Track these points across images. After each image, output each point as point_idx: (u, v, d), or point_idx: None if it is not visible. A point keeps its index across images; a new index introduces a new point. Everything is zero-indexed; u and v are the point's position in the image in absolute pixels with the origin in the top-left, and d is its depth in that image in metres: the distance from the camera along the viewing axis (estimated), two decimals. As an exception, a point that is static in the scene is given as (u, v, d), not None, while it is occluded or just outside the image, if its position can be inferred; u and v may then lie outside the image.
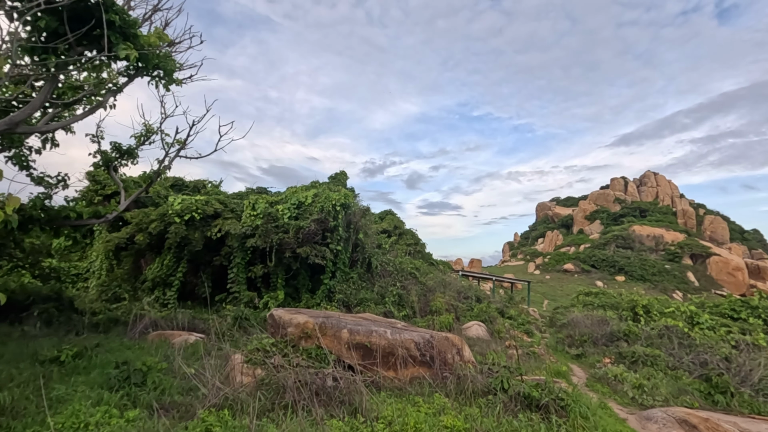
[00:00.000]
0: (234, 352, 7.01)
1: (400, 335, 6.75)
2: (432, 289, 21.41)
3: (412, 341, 6.75)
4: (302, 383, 5.59)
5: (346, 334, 6.43)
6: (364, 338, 6.43)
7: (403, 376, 6.37)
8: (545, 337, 21.49)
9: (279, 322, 6.94)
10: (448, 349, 7.17)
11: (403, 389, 6.06)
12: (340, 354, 6.34)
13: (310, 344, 6.41)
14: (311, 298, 18.47)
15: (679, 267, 79.36)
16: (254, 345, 6.56)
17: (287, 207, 18.37)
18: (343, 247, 19.68)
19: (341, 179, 24.12)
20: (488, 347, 12.56)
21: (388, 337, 6.56)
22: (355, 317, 7.90)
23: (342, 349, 6.33)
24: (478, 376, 6.27)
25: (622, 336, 15.01)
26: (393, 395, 5.86)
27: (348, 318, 7.49)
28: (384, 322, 7.81)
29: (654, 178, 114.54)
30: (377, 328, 6.71)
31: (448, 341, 7.36)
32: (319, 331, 6.46)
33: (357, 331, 6.51)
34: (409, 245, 29.14)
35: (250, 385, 5.87)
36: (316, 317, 6.90)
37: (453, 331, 16.15)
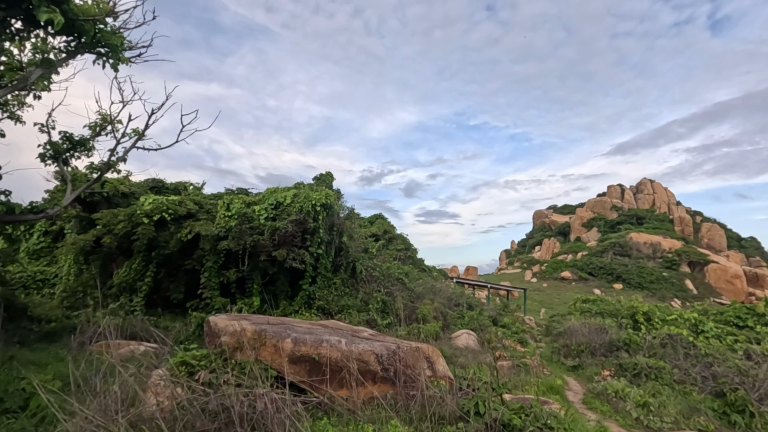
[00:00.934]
0: (156, 367, 5.84)
1: (357, 346, 5.59)
2: (421, 296, 20.21)
3: (372, 353, 5.59)
4: (224, 408, 4.42)
5: (289, 345, 5.27)
6: (310, 349, 5.27)
7: (358, 397, 5.21)
8: (540, 347, 20.31)
9: (214, 331, 5.78)
10: (417, 362, 6.01)
11: (356, 413, 4.90)
12: (281, 369, 5.18)
13: (246, 357, 5.25)
14: (289, 305, 17.25)
15: (677, 274, 78.34)
16: (179, 358, 5.39)
17: (264, 207, 17.22)
18: (325, 251, 18.51)
19: (326, 180, 23.06)
20: (476, 358, 11.37)
21: (341, 349, 5.40)
22: (312, 324, 6.73)
23: (283, 362, 5.17)
24: (448, 396, 5.11)
25: (622, 345, 13.84)
26: (341, 422, 4.72)
27: (302, 325, 6.32)
28: (345, 331, 6.64)
29: (650, 185, 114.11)
30: (330, 338, 5.55)
31: (419, 353, 6.20)
32: (258, 341, 5.30)
33: (303, 341, 5.36)
34: (399, 250, 27.98)
35: (166, 409, 4.69)
36: (259, 324, 5.75)
37: (440, 341, 14.95)
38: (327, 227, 18.57)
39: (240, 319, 6.11)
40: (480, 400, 4.83)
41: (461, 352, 12.79)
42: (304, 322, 6.92)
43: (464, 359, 10.87)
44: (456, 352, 13.15)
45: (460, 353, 12.87)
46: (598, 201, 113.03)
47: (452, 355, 11.54)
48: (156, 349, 9.62)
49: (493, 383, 6.52)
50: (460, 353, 12.87)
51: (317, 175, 23.11)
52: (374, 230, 28.30)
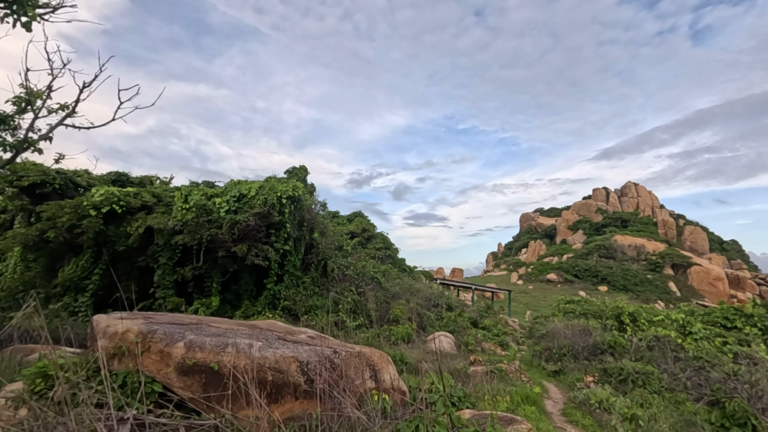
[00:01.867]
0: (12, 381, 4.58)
1: (275, 352, 4.38)
2: (397, 296, 19.06)
3: (294, 360, 4.38)
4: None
5: (180, 351, 4.05)
6: (209, 356, 4.05)
7: (270, 417, 4.01)
8: (523, 350, 19.31)
9: (96, 332, 4.53)
10: (357, 371, 4.83)
11: (260, 441, 3.73)
12: (168, 381, 3.97)
13: (124, 366, 4.03)
14: (252, 305, 15.93)
15: (661, 277, 78.64)
16: (36, 368, 4.12)
17: (226, 200, 15.89)
18: (293, 248, 17.24)
19: (300, 174, 21.79)
20: (447, 364, 10.22)
21: (252, 355, 4.19)
22: (239, 325, 5.50)
23: (171, 373, 3.96)
24: (376, 419, 3.93)
25: (606, 348, 12.86)
26: (233, 455, 3.55)
27: (220, 326, 5.08)
28: (277, 332, 5.42)
29: (635, 188, 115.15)
30: (240, 341, 4.34)
31: (361, 360, 5.02)
32: (141, 345, 4.07)
33: (200, 345, 4.14)
34: (378, 249, 26.80)
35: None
36: (153, 324, 4.51)
37: (412, 344, 13.79)
38: (296, 222, 17.32)
39: (135, 317, 4.85)
40: (422, 422, 3.69)
41: (433, 357, 11.63)
42: (228, 322, 5.69)
43: (434, 365, 9.71)
44: (427, 356, 11.99)
45: (432, 358, 11.72)
46: (583, 204, 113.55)
47: (421, 360, 10.37)
48: (75, 355, 8.28)
49: (454, 396, 5.37)
50: (432, 358, 11.72)
51: (289, 168, 21.82)
52: (352, 228, 27.07)
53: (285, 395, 4.24)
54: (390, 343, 13.16)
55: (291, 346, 4.68)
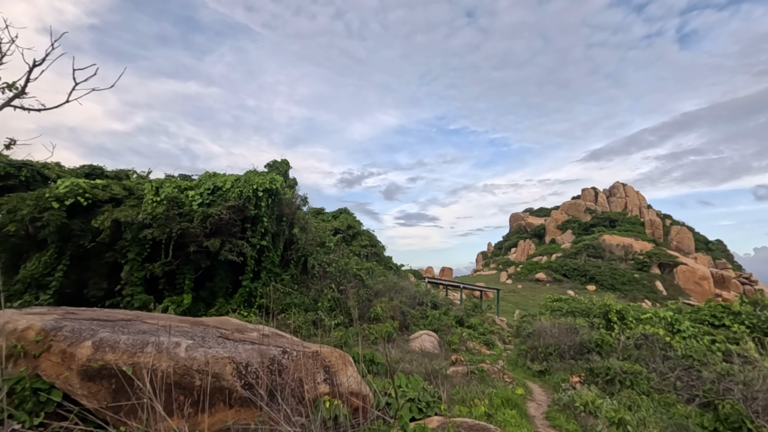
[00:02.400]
0: None
1: (207, 351, 3.73)
2: (380, 294, 18.44)
3: (230, 362, 3.74)
4: None
5: (87, 351, 3.38)
6: (122, 357, 3.39)
7: (196, 429, 3.36)
8: (509, 349, 18.85)
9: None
10: (309, 374, 4.20)
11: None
12: (69, 387, 3.30)
13: (17, 369, 3.36)
14: (226, 303, 15.19)
15: (648, 276, 79.20)
16: None
17: (199, 192, 15.12)
18: (271, 243, 16.52)
19: (281, 168, 21.03)
20: (424, 364, 9.63)
21: (177, 356, 3.54)
22: (181, 322, 4.83)
23: (72, 377, 3.29)
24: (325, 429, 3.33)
25: (593, 347, 12.40)
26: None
27: (155, 323, 4.41)
28: (224, 329, 4.76)
29: (623, 189, 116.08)
30: (166, 339, 3.69)
31: (315, 361, 4.39)
32: (41, 344, 3.40)
33: (113, 344, 3.47)
34: (364, 246, 26.15)
35: None
36: (65, 320, 3.84)
37: (392, 342, 13.18)
38: (274, 217, 16.61)
39: (51, 312, 4.16)
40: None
41: (414, 357, 11.04)
42: (170, 318, 5.02)
43: (412, 365, 9.12)
44: (407, 356, 11.39)
45: (413, 358, 11.13)
46: (572, 204, 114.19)
47: (399, 360, 9.78)
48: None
49: (422, 401, 4.77)
50: (413, 358, 11.13)
51: (270, 162, 21.05)
52: (337, 225, 26.38)
53: (216, 403, 3.59)
54: (369, 342, 12.55)
55: (230, 345, 4.03)
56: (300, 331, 13.55)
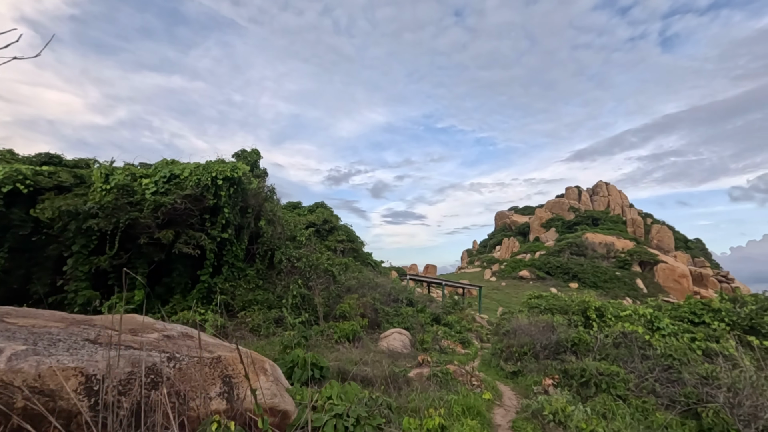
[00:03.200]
0: None
1: (41, 361, 2.80)
2: (353, 290, 17.56)
3: (77, 374, 2.83)
4: None
5: None
6: None
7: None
8: (486, 348, 18.15)
9: None
10: (197, 387, 3.30)
11: None
12: None
13: None
14: (183, 299, 14.13)
15: (629, 274, 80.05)
16: None
17: (154, 181, 13.99)
18: (234, 236, 15.48)
19: (250, 158, 19.92)
20: (386, 366, 8.78)
21: (-7, 367, 2.62)
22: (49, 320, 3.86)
23: None
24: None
25: (570, 346, 11.73)
26: None
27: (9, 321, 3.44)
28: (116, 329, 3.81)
29: (606, 188, 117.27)
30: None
31: (214, 369, 3.49)
32: None
33: None
34: (340, 242, 25.19)
35: None
36: None
37: (359, 342, 12.30)
38: (237, 208, 15.56)
39: None
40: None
41: (377, 358, 10.18)
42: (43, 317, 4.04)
43: (371, 368, 8.24)
44: (370, 356, 10.53)
45: (375, 359, 10.27)
46: (556, 202, 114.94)
47: (356, 362, 8.91)
48: None
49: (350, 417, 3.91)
50: (375, 359, 10.27)
51: (238, 151, 19.91)
52: (313, 219, 25.37)
53: (45, 429, 2.65)
54: (332, 342, 11.65)
55: (87, 352, 3.09)
56: (258, 330, 12.59)
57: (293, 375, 5.70)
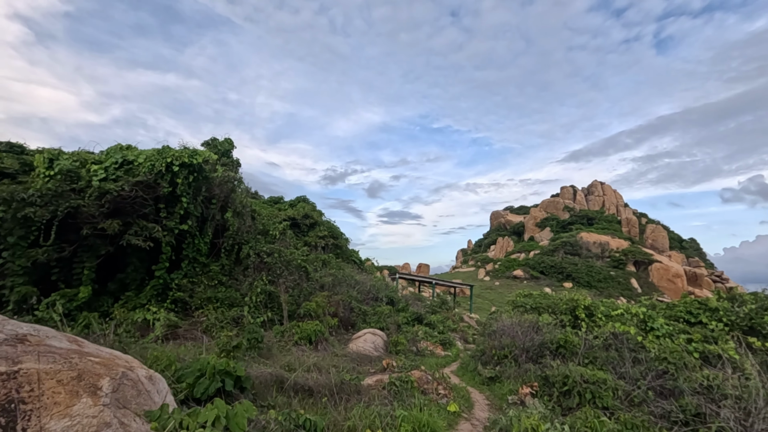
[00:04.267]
0: None
1: None
2: (328, 288, 16.40)
3: None
4: None
5: None
6: None
7: None
8: (470, 350, 17.05)
9: None
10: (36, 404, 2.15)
11: None
12: None
13: None
14: (135, 296, 12.92)
15: (624, 273, 79.35)
16: None
17: (104, 167, 12.77)
18: (196, 229, 14.28)
19: (221, 146, 18.66)
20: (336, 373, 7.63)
21: None
22: None
23: None
24: None
25: (555, 348, 10.63)
26: None
27: None
28: None
29: (600, 187, 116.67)
30: None
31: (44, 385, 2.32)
32: None
33: None
34: (322, 237, 24.00)
35: None
36: None
37: (321, 344, 11.15)
38: (200, 198, 14.36)
39: None
40: None
41: (334, 363, 9.02)
42: None
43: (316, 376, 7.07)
44: (333, 360, 9.39)
45: (339, 362, 9.12)
46: (551, 201, 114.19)
47: (311, 367, 7.75)
48: None
49: None
50: (339, 362, 9.12)
51: (208, 139, 18.67)
52: (292, 213, 24.17)
53: None
54: (291, 344, 10.48)
55: None
56: (211, 331, 11.41)
57: (196, 388, 4.56)
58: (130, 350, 7.33)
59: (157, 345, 9.74)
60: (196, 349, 9.09)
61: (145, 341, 11.02)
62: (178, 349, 8.74)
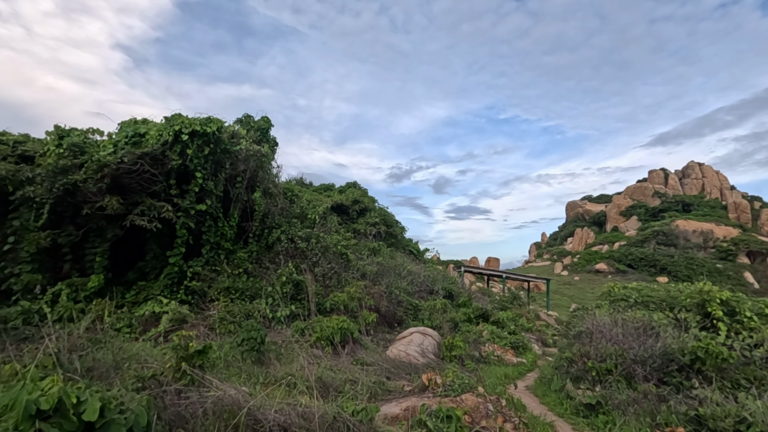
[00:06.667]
0: None
1: None
2: (371, 278, 13.90)
3: None
4: None
5: None
6: None
7: None
8: (550, 356, 13.60)
9: None
10: None
11: None
12: None
13: None
14: (147, 286, 11.39)
15: (734, 266, 67.80)
16: None
17: (114, 141, 11.38)
18: (218, 209, 12.50)
19: (255, 124, 16.83)
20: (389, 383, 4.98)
21: None
22: None
23: None
24: None
25: (689, 363, 7.04)
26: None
27: None
28: None
29: (699, 169, 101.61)
30: None
31: None
32: None
33: None
34: (373, 225, 21.60)
35: None
36: None
37: (353, 345, 8.62)
38: (224, 176, 12.55)
39: None
40: None
41: (363, 374, 6.40)
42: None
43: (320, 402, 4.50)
44: (355, 372, 6.79)
45: (361, 375, 6.50)
46: (637, 187, 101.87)
47: (316, 381, 5.22)
48: None
49: None
50: (361, 375, 6.50)
51: (241, 116, 16.98)
52: (340, 199, 22.09)
53: None
54: (309, 345, 8.06)
55: None
56: (219, 327, 9.37)
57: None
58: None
59: (143, 343, 7.86)
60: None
61: (147, 337, 9.32)
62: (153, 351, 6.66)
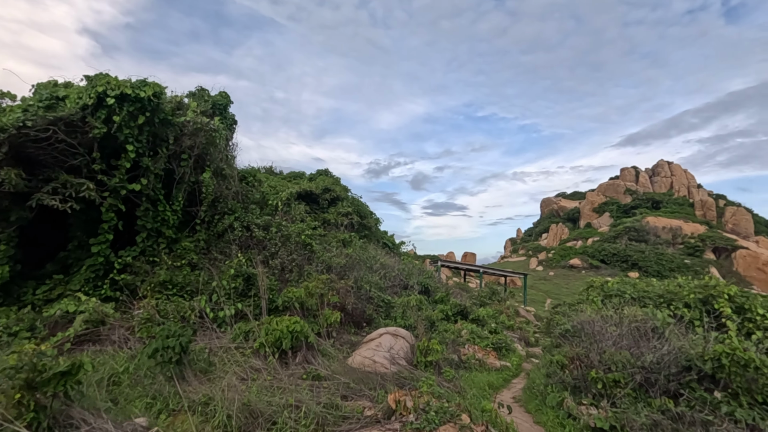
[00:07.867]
0: None
1: None
2: (337, 271, 12.32)
3: None
4: None
5: None
6: None
7: None
8: (535, 356, 12.46)
9: None
10: None
11: None
12: None
13: None
14: (63, 281, 9.48)
15: (701, 262, 69.55)
16: None
17: (25, 106, 9.34)
18: (159, 190, 10.63)
19: (210, 98, 14.93)
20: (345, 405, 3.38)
21: None
22: None
23: None
24: None
25: (710, 372, 5.83)
26: None
27: None
28: None
29: (668, 167, 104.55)
30: None
31: None
32: None
33: None
34: (345, 215, 19.97)
35: None
36: None
37: (306, 353, 7.05)
38: (165, 151, 10.68)
39: None
40: None
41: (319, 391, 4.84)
42: None
43: None
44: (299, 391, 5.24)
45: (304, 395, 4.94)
46: (610, 185, 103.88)
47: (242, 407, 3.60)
48: None
49: None
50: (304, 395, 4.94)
51: (194, 89, 15.04)
52: (309, 187, 20.39)
53: None
54: (250, 353, 6.45)
55: None
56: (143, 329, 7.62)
57: None
58: None
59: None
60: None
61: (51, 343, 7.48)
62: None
